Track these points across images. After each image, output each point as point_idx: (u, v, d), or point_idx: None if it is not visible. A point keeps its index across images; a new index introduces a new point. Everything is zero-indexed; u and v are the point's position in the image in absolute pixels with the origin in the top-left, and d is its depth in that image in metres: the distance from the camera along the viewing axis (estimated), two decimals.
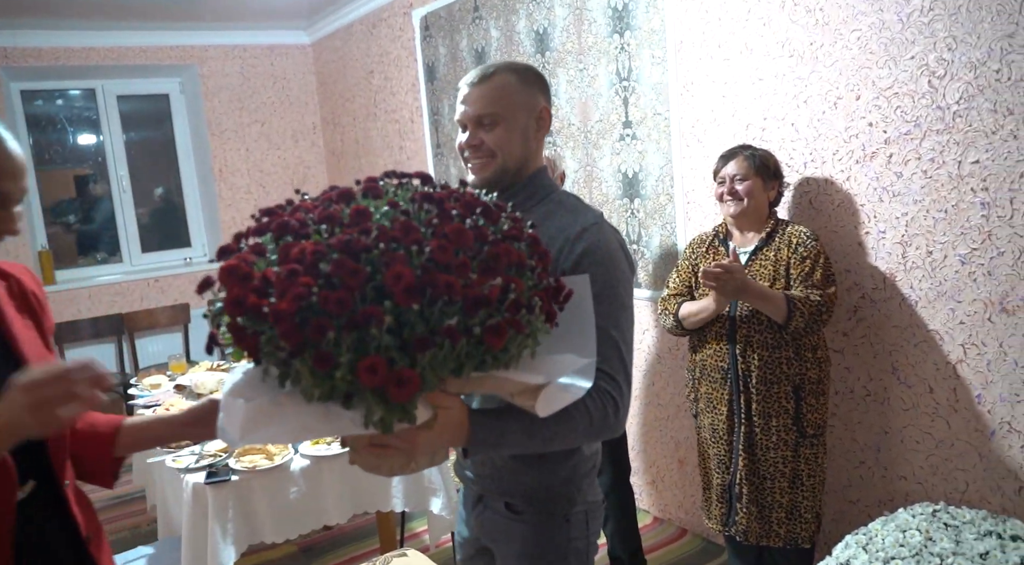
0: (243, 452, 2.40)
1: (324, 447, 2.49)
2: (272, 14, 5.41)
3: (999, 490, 2.18)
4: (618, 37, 3.15)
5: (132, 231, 5.74)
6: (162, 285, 5.69)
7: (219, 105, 5.75)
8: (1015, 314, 2.07)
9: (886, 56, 2.25)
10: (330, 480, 2.46)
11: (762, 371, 2.28)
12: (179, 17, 5.20)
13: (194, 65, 5.64)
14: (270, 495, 2.37)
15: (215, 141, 5.77)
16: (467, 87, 1.41)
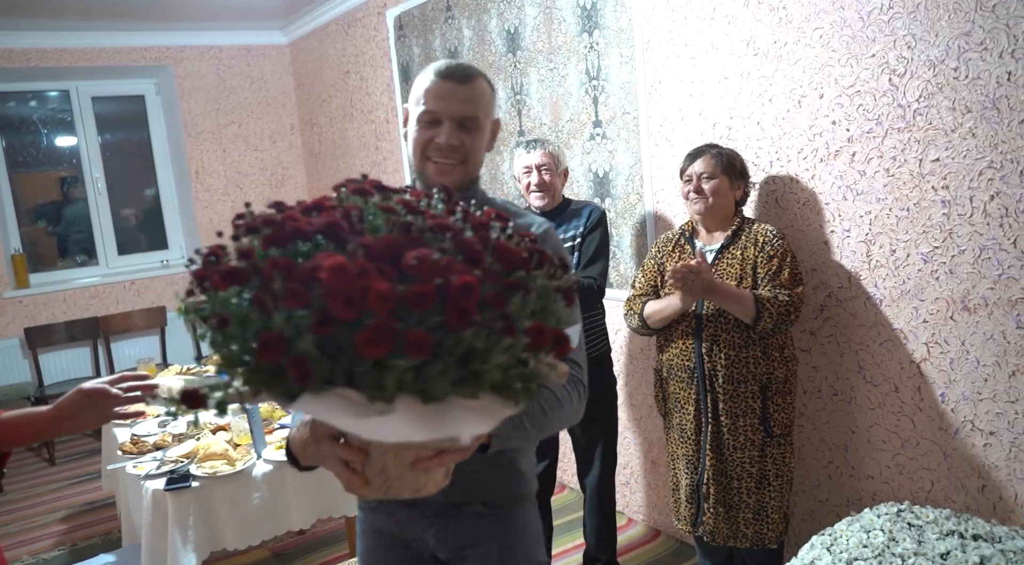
0: (204, 458, 2.37)
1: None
2: (248, 14, 5.37)
3: (963, 489, 2.17)
4: (587, 36, 3.13)
5: (108, 234, 5.69)
6: (139, 288, 5.64)
7: (195, 106, 5.71)
8: (976, 313, 2.06)
9: (848, 54, 2.25)
10: (293, 485, 2.44)
11: (728, 370, 2.27)
12: (154, 17, 5.16)
13: (169, 66, 5.59)
14: (232, 501, 2.34)
15: (191, 142, 5.72)
16: (448, 82, 1.30)
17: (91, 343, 5.36)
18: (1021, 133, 1.90)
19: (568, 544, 3.23)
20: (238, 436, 2.53)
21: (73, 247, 5.74)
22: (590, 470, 2.82)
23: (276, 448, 2.49)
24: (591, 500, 2.84)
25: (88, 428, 1.39)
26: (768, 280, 2.24)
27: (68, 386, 5.01)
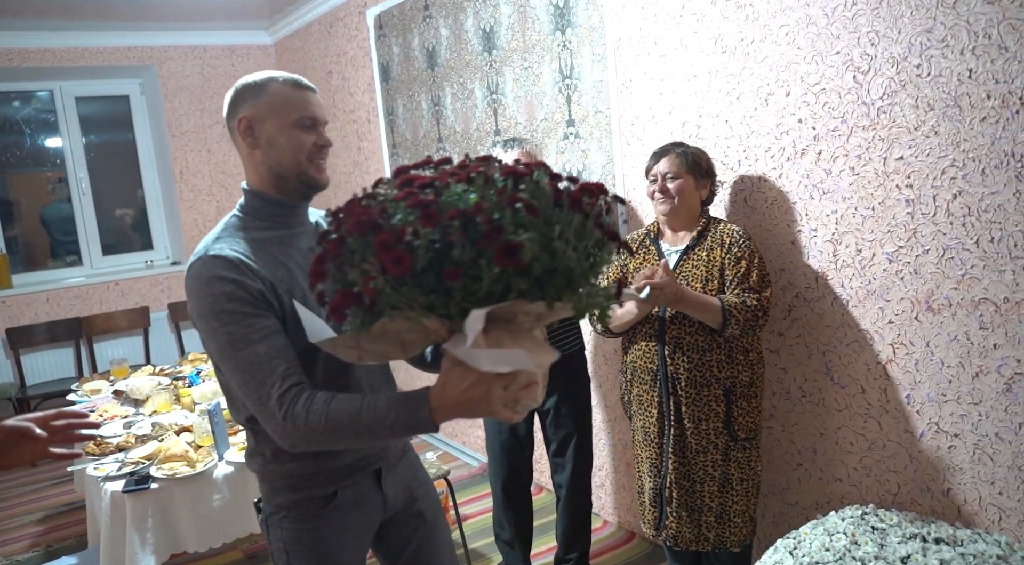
0: (164, 459, 2.35)
1: None
2: (232, 14, 5.35)
3: (928, 491, 2.14)
4: (560, 34, 3.11)
5: (93, 234, 5.67)
6: (123, 288, 5.62)
7: (179, 106, 5.69)
8: (940, 313, 2.04)
9: (813, 51, 2.22)
10: (255, 487, 2.40)
11: (691, 373, 2.24)
12: (137, 17, 5.13)
13: (153, 66, 5.57)
14: (192, 503, 2.31)
15: (175, 143, 5.70)
16: (308, 92, 1.48)
17: (74, 344, 5.34)
18: (982, 131, 1.88)
19: (543, 546, 3.20)
20: (200, 437, 2.51)
21: (62, 248, 5.72)
22: (563, 469, 2.79)
23: (239, 449, 2.47)
24: (563, 500, 2.81)
25: (17, 465, 1.30)
26: (736, 283, 2.21)
27: (50, 387, 5.00)
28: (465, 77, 3.75)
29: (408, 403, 1.27)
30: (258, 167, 1.47)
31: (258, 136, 1.44)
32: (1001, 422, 1.96)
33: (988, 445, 2.00)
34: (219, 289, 1.35)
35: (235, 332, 1.33)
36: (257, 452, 1.51)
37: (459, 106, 3.84)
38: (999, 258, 1.89)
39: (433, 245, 1.06)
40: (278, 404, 1.30)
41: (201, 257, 1.39)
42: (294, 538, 1.52)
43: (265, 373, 1.32)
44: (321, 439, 1.31)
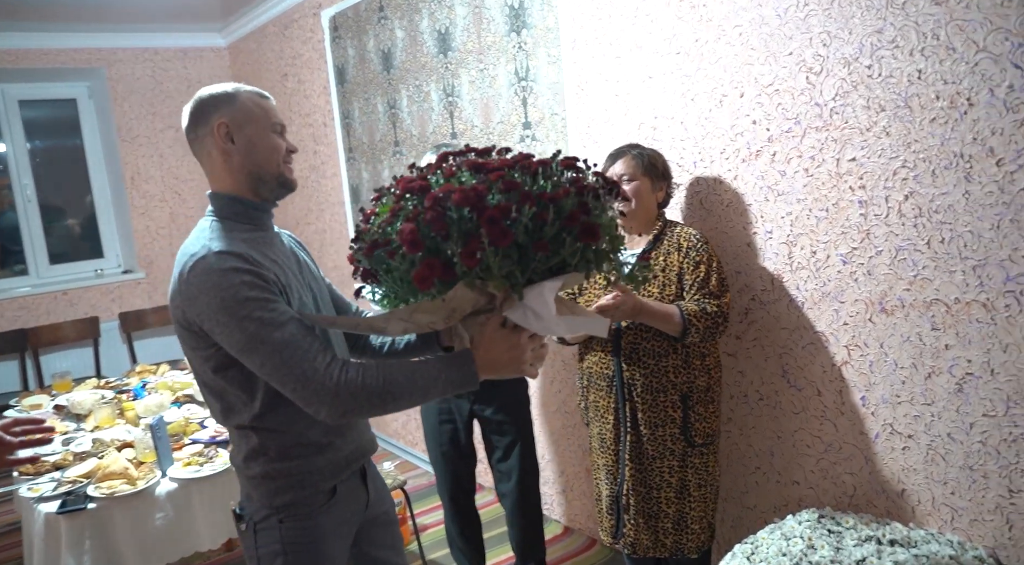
0: (103, 477, 2.25)
1: (194, 469, 2.35)
2: (184, 15, 5.22)
3: (883, 493, 2.14)
4: (515, 36, 3.07)
5: (39, 242, 5.49)
6: (71, 298, 5.45)
7: (130, 110, 5.54)
8: (893, 314, 2.03)
9: (766, 52, 2.21)
10: (200, 503, 2.32)
11: (647, 379, 2.20)
12: (84, 18, 4.99)
13: (102, 68, 5.42)
14: (132, 523, 2.21)
15: (126, 148, 5.55)
16: (272, 101, 1.57)
17: (19, 356, 5.15)
18: (932, 132, 1.88)
19: (502, 555, 3.14)
20: (142, 453, 2.41)
21: (10, 257, 5.52)
22: (509, 478, 2.73)
23: (184, 465, 2.38)
24: (512, 509, 2.76)
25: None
26: (697, 288, 2.18)
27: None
28: (421, 79, 3.69)
29: (455, 362, 1.40)
30: (235, 172, 1.50)
31: (236, 141, 1.48)
32: (953, 422, 1.96)
33: (940, 445, 1.99)
34: (237, 279, 1.37)
35: (264, 317, 1.36)
36: (259, 453, 1.50)
37: (415, 109, 3.78)
38: (949, 259, 1.89)
39: (530, 222, 1.24)
40: (327, 374, 1.36)
41: (205, 255, 1.39)
42: (294, 538, 1.53)
43: (305, 349, 1.36)
44: (374, 402, 1.38)
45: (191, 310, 1.39)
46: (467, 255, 1.21)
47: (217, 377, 1.46)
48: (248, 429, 1.50)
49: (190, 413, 2.90)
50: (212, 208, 1.52)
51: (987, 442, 1.90)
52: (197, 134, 1.50)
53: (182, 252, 1.45)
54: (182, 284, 1.40)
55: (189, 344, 1.46)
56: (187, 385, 3.18)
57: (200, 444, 2.55)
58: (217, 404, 1.52)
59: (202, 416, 2.88)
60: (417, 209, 1.27)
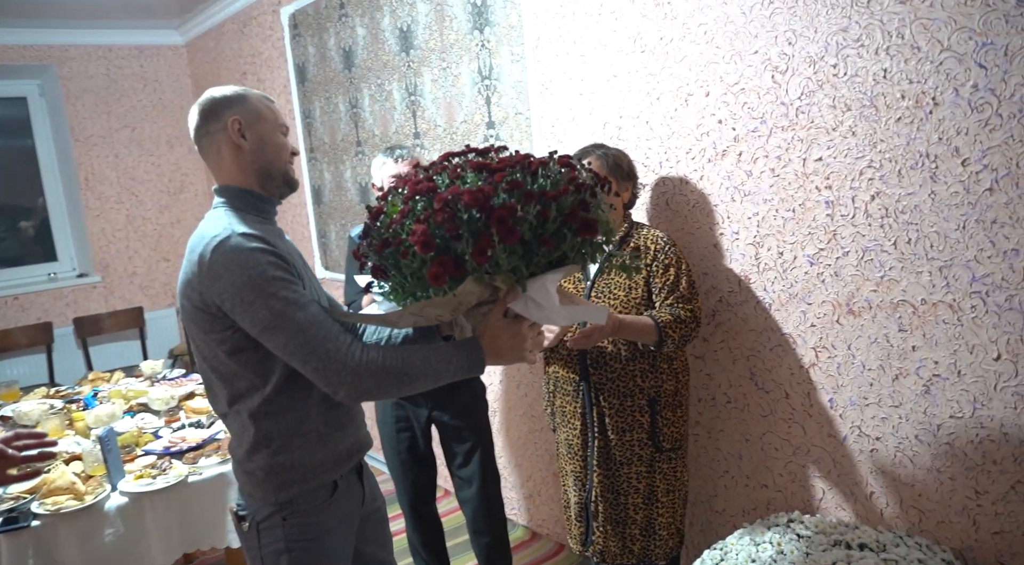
0: (48, 493, 2.14)
1: (146, 482, 2.25)
2: (139, 11, 5.08)
3: (852, 496, 2.12)
4: (478, 33, 3.01)
5: None
6: (23, 303, 5.27)
7: (83, 109, 5.37)
8: (860, 316, 2.01)
9: (732, 51, 2.18)
10: (153, 518, 2.22)
11: (614, 384, 2.16)
12: (34, 14, 4.82)
13: (53, 66, 5.25)
14: (80, 540, 2.11)
15: (80, 148, 5.38)
16: (275, 103, 1.65)
17: None
18: (898, 132, 1.86)
19: (465, 564, 3.08)
20: (91, 466, 2.30)
21: None
22: (470, 484, 2.68)
23: (136, 478, 2.28)
24: (475, 516, 2.70)
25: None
26: (667, 293, 2.14)
27: None
28: (383, 78, 3.62)
29: (465, 349, 1.48)
30: (245, 167, 1.55)
31: (248, 137, 1.54)
32: (920, 424, 1.94)
33: (908, 447, 1.98)
34: (263, 259, 1.41)
35: (289, 296, 1.40)
36: (261, 445, 1.51)
37: (377, 108, 3.71)
38: (916, 259, 1.88)
39: (535, 219, 1.32)
40: (349, 353, 1.40)
41: (229, 235, 1.42)
42: (298, 535, 1.55)
43: (328, 328, 1.41)
44: (392, 382, 1.43)
45: (212, 289, 1.41)
46: (478, 253, 1.29)
47: (231, 360, 1.47)
48: (252, 418, 1.50)
49: (143, 422, 2.79)
50: (223, 200, 1.55)
51: (954, 444, 1.89)
52: (208, 130, 1.54)
53: (198, 236, 1.47)
54: (202, 265, 1.41)
55: (203, 327, 1.46)
56: (141, 393, 3.07)
57: (153, 455, 2.46)
58: (225, 390, 1.52)
59: (156, 426, 2.78)
60: (428, 211, 1.33)
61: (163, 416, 2.86)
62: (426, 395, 2.58)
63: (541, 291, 1.39)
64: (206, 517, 2.32)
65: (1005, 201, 1.71)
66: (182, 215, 5.82)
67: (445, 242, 1.31)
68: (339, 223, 4.23)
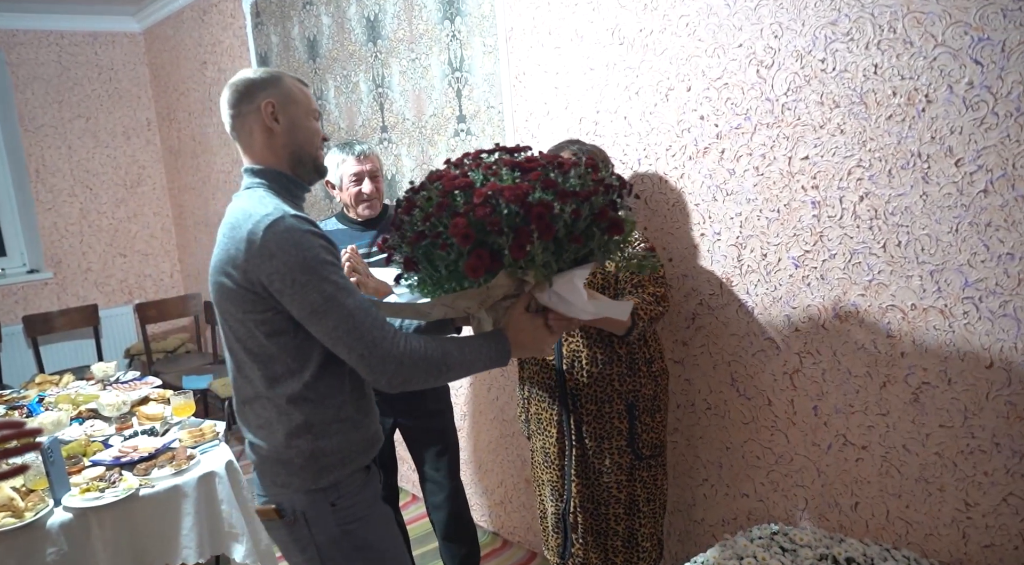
0: None
1: (93, 496, 2.11)
2: None
3: (836, 506, 2.05)
4: (449, 24, 2.89)
5: None
6: None
7: (33, 98, 5.13)
8: (847, 321, 1.94)
9: (715, 44, 2.09)
10: (100, 535, 2.08)
11: (591, 389, 2.07)
12: None
13: (0, 52, 4.99)
14: (18, 561, 1.96)
15: (29, 138, 5.14)
16: (310, 88, 1.69)
17: None
18: (888, 130, 1.79)
19: None
20: (32, 480, 2.15)
21: None
22: (442, 488, 2.58)
23: (81, 492, 2.13)
24: (447, 521, 2.60)
25: None
26: (633, 287, 2.04)
27: None
28: (349, 69, 3.48)
29: (493, 341, 1.52)
30: (276, 150, 1.54)
31: (280, 120, 1.53)
32: (908, 433, 1.88)
33: (895, 457, 1.91)
34: (316, 242, 1.40)
35: (339, 282, 1.40)
36: (304, 429, 1.49)
37: (343, 100, 3.57)
38: (906, 263, 1.81)
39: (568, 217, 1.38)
40: (394, 342, 1.41)
41: (282, 216, 1.40)
42: (351, 515, 1.54)
43: (374, 316, 1.42)
44: (431, 372, 1.45)
45: (262, 268, 1.38)
46: (516, 248, 1.34)
47: (270, 342, 1.45)
48: (293, 404, 1.48)
49: (93, 430, 2.63)
50: (259, 180, 1.53)
51: (943, 454, 1.82)
52: (240, 111, 1.52)
53: (242, 214, 1.43)
54: (252, 243, 1.38)
55: (243, 307, 1.43)
56: (92, 398, 2.90)
57: (102, 466, 2.30)
58: (260, 372, 1.48)
59: (106, 434, 2.62)
60: (468, 205, 1.37)
61: (114, 423, 2.70)
62: (390, 404, 2.48)
63: (568, 286, 1.45)
64: (159, 533, 2.18)
65: (1000, 203, 1.64)
66: (139, 209, 5.61)
67: (482, 236, 1.36)
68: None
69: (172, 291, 5.76)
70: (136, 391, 2.98)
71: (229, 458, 2.43)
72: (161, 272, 5.75)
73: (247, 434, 1.56)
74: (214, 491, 2.32)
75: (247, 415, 1.55)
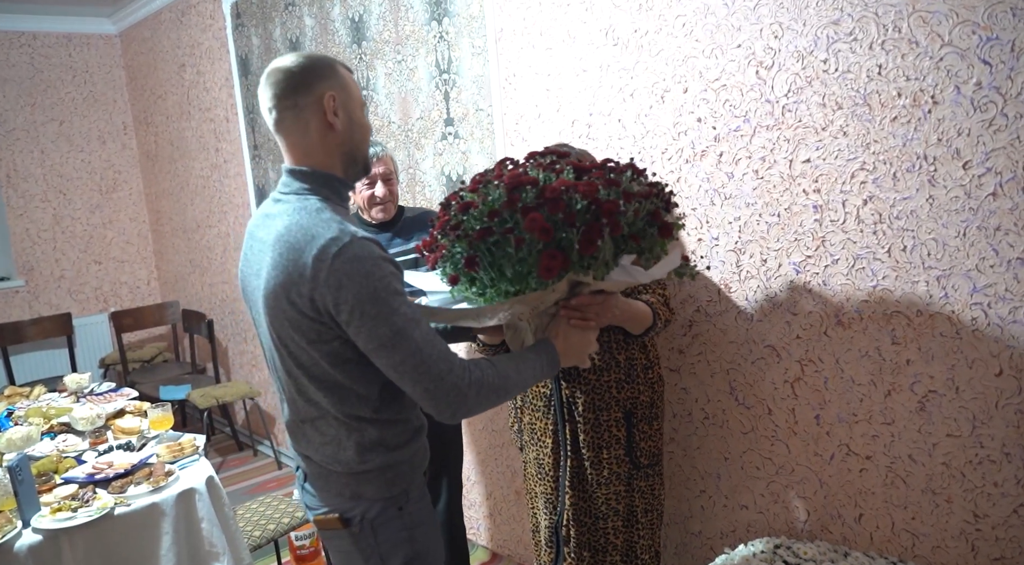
0: None
1: (65, 516, 2.00)
2: None
3: (839, 518, 2.00)
4: (436, 24, 2.82)
5: None
6: None
7: (4, 100, 5.00)
8: (850, 327, 1.89)
9: (712, 44, 2.04)
10: (72, 557, 1.97)
11: (589, 397, 2.00)
12: None
13: None
14: None
15: (1, 142, 5.00)
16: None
17: None
18: (893, 132, 1.74)
19: None
20: (0, 500, 2.04)
21: None
22: (438, 499, 2.51)
23: (52, 512, 2.02)
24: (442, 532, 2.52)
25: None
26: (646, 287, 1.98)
27: None
28: None
29: (543, 353, 1.51)
30: (331, 148, 1.42)
31: (340, 116, 1.40)
32: (914, 443, 1.83)
33: (901, 467, 1.87)
34: (387, 270, 1.32)
35: (408, 313, 1.33)
36: (378, 444, 1.46)
37: None
38: (912, 268, 1.76)
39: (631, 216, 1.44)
40: (461, 375, 1.36)
41: (351, 241, 1.30)
42: (417, 520, 1.53)
43: (439, 347, 1.36)
44: (491, 399, 1.42)
45: (331, 297, 1.29)
46: (586, 243, 1.36)
47: (335, 371, 1.39)
48: (365, 422, 1.45)
49: (65, 445, 2.52)
50: (307, 186, 1.40)
51: (951, 464, 1.77)
52: (296, 102, 1.37)
53: (304, 236, 1.32)
54: (318, 269, 1.29)
55: (308, 336, 1.35)
56: (64, 411, 2.79)
57: (75, 484, 2.20)
58: (326, 398, 1.43)
59: (79, 449, 2.51)
60: (539, 200, 1.37)
61: (88, 438, 2.59)
62: None
63: (621, 272, 1.48)
64: (135, 555, 2.08)
65: (1010, 207, 1.60)
66: (115, 215, 5.47)
67: (558, 231, 1.36)
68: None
69: (149, 299, 5.62)
70: (111, 403, 2.87)
71: (209, 473, 2.33)
72: (138, 279, 5.61)
73: (306, 450, 1.52)
74: (194, 508, 2.22)
75: (308, 433, 1.49)
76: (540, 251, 1.36)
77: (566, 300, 1.53)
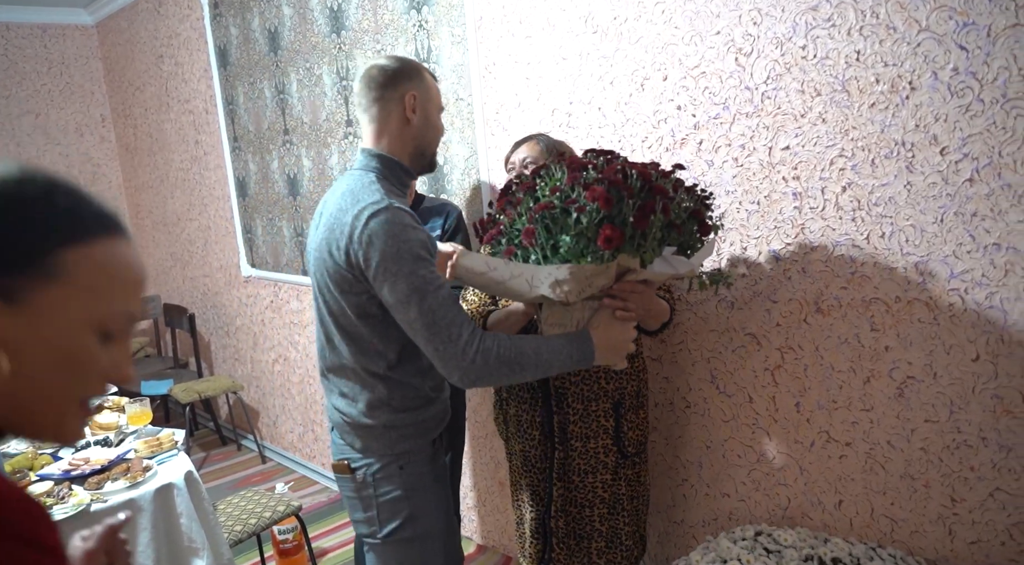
0: None
1: None
2: None
3: (820, 505, 2.01)
4: (415, 13, 2.79)
5: None
6: None
7: None
8: (829, 314, 1.89)
9: (691, 31, 2.03)
10: None
11: (579, 388, 1.99)
12: None
13: None
14: None
15: None
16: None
17: None
18: (871, 118, 1.74)
19: None
20: None
21: None
22: None
23: None
24: None
25: None
26: None
27: None
28: (312, 61, 3.36)
29: (577, 341, 1.56)
30: (406, 141, 1.62)
31: (417, 114, 1.61)
32: (893, 428, 1.84)
33: (880, 453, 1.87)
34: (414, 236, 1.47)
35: (428, 276, 1.46)
36: (384, 403, 1.61)
37: (306, 94, 3.45)
38: (890, 254, 1.76)
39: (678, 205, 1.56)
40: (471, 340, 1.48)
41: (388, 206, 1.47)
42: (416, 482, 1.65)
43: (454, 313, 1.48)
44: (503, 372, 1.51)
45: (362, 253, 1.46)
46: (641, 216, 1.44)
47: (360, 322, 1.55)
48: (377, 379, 1.60)
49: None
50: (373, 165, 1.60)
51: (928, 449, 1.78)
52: (383, 96, 1.59)
53: (351, 197, 1.51)
54: (355, 227, 1.47)
55: (341, 287, 1.53)
56: None
57: (50, 481, 2.17)
58: (349, 348, 1.60)
59: (55, 445, 2.47)
60: (601, 173, 1.48)
61: None
62: None
63: (662, 263, 1.54)
64: None
65: (986, 192, 1.60)
66: None
67: (618, 204, 1.45)
68: (265, 217, 3.95)
69: None
70: None
71: (188, 468, 2.31)
72: None
73: (330, 398, 1.69)
74: (172, 504, 2.20)
75: (332, 381, 1.67)
76: (599, 223, 1.43)
77: (599, 299, 1.57)
